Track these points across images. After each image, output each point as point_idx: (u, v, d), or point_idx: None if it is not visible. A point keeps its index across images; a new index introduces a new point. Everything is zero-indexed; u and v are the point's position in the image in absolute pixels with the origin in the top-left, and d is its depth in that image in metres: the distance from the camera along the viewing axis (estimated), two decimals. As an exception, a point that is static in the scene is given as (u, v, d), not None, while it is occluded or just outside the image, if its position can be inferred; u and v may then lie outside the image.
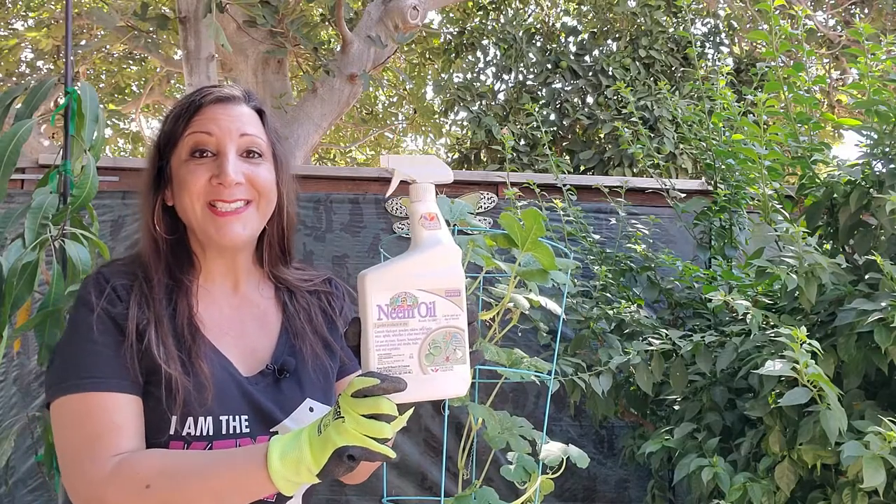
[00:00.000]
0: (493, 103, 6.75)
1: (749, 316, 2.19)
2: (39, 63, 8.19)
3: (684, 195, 3.04)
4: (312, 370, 1.12)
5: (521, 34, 6.71)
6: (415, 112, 10.05)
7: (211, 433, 1.00)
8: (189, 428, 0.99)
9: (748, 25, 6.86)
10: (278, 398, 1.07)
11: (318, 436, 0.89)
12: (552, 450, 1.45)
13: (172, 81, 9.09)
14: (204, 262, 1.12)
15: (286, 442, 0.90)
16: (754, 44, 6.54)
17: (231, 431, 1.02)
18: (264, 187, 1.09)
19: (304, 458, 0.89)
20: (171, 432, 0.99)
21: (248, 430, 1.03)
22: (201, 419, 1.00)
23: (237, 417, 1.02)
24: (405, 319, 0.88)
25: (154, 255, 1.08)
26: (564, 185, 2.95)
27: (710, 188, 2.94)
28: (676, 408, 2.55)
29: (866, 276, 2.20)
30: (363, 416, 0.85)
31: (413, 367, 0.88)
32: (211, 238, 1.07)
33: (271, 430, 1.05)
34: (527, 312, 1.49)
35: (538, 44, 6.87)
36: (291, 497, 1.06)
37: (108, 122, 9.31)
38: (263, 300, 1.16)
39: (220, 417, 1.01)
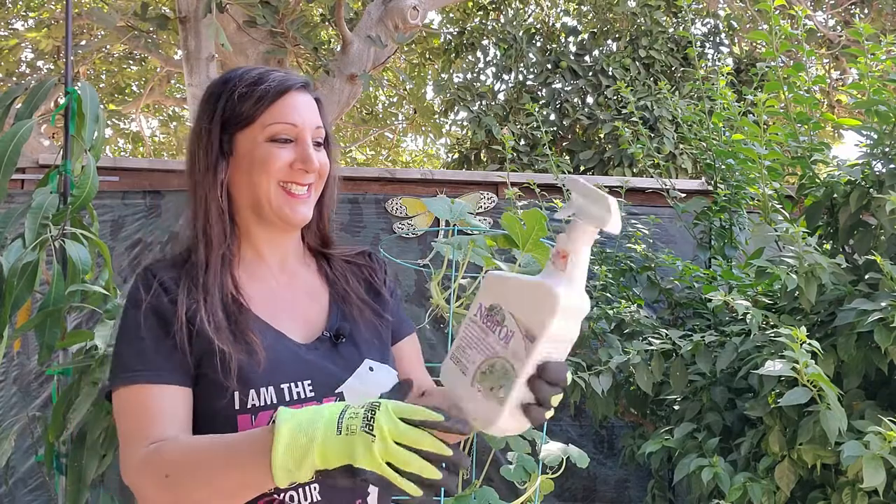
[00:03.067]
0: (493, 103, 6.75)
1: (749, 316, 2.19)
2: (39, 63, 8.19)
3: (684, 195, 3.04)
4: (365, 331, 1.16)
5: (521, 34, 6.71)
6: (415, 112, 10.05)
7: (275, 401, 1.01)
8: (253, 400, 1.00)
9: (748, 25, 6.86)
10: (338, 361, 1.10)
11: (335, 436, 0.81)
12: (552, 450, 1.45)
13: (172, 81, 9.09)
14: (254, 241, 1.16)
15: (300, 424, 0.83)
16: (754, 44, 6.54)
17: (295, 398, 1.03)
18: (325, 174, 1.17)
19: (310, 454, 0.81)
20: (237, 406, 1.00)
21: (312, 393, 1.04)
22: (262, 389, 1.01)
23: (299, 384, 1.04)
24: (489, 329, 0.88)
25: (220, 226, 1.11)
26: (564, 185, 2.95)
27: (710, 188, 2.94)
28: (676, 408, 2.55)
29: (866, 276, 2.20)
30: (397, 443, 0.78)
31: (469, 373, 0.88)
32: (284, 217, 1.12)
33: (336, 392, 1.06)
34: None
35: (538, 44, 6.87)
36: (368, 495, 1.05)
37: (108, 122, 9.32)
38: (310, 273, 1.21)
39: (282, 385, 1.03)
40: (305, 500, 0.99)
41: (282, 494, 0.98)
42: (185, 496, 0.90)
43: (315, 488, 0.99)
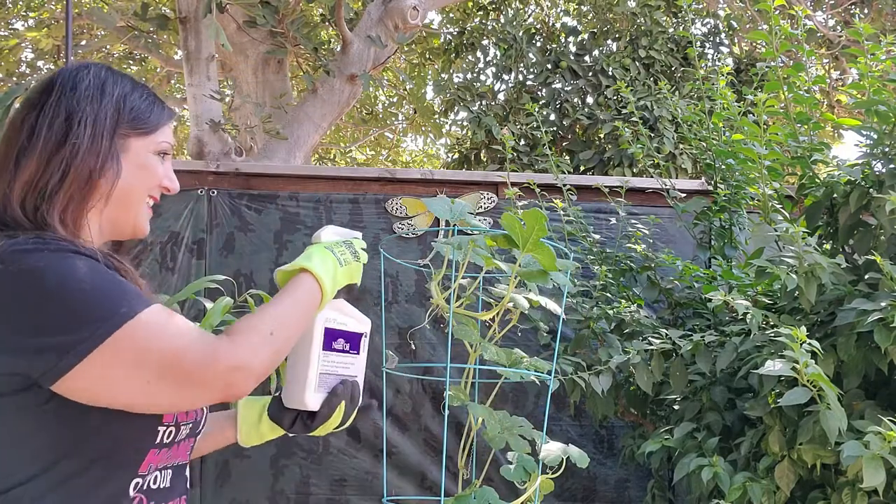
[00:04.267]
0: (493, 103, 6.74)
1: (749, 316, 2.20)
2: (39, 63, 8.19)
3: (684, 195, 3.04)
4: None
5: (521, 34, 6.70)
6: (415, 112, 10.04)
7: None
8: None
9: (748, 25, 6.86)
10: None
11: (339, 268, 1.17)
12: (552, 450, 1.46)
13: (172, 81, 9.09)
14: (86, 236, 1.08)
15: (326, 270, 1.15)
16: (754, 44, 6.54)
17: None
18: None
19: (335, 285, 1.16)
20: None
21: None
22: None
23: None
24: None
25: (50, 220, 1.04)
26: (564, 185, 2.96)
27: (710, 188, 2.94)
28: (676, 407, 2.56)
29: (866, 276, 2.20)
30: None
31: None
32: (140, 227, 1.15)
33: None
34: (527, 312, 1.50)
35: (538, 44, 6.87)
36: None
37: (108, 122, 9.27)
38: None
39: None
40: (160, 483, 1.07)
41: (146, 480, 1.04)
42: (279, 346, 1.05)
43: (169, 474, 1.08)
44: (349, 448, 3.20)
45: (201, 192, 3.24)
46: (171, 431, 1.06)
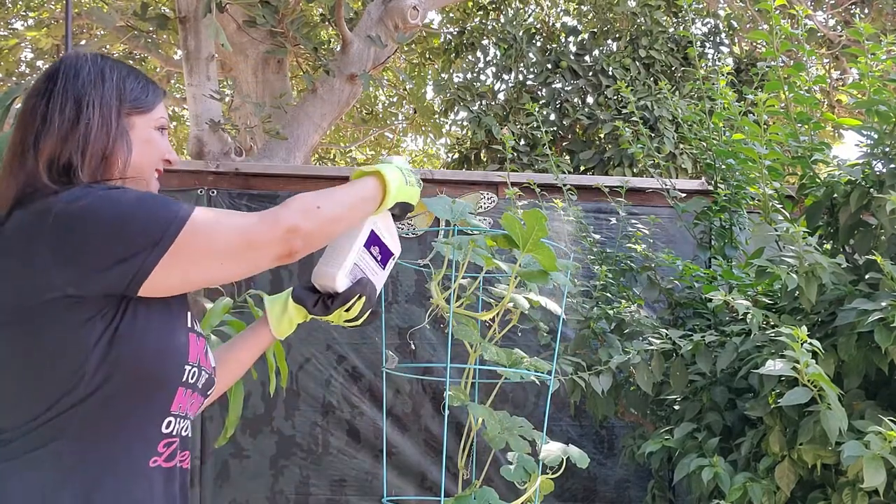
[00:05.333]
0: (493, 103, 6.74)
1: (749, 316, 2.19)
2: (39, 63, 8.18)
3: (684, 195, 3.03)
4: None
5: (521, 34, 6.70)
6: (415, 112, 10.04)
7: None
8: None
9: (748, 25, 6.85)
10: None
11: (405, 185, 1.30)
12: (552, 450, 1.45)
13: (172, 81, 9.09)
14: None
15: (393, 177, 1.27)
16: (754, 44, 6.54)
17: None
18: None
19: (398, 196, 1.29)
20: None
21: None
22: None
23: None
24: None
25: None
26: (565, 185, 2.95)
27: (711, 188, 2.94)
28: (676, 408, 2.55)
29: (866, 276, 2.20)
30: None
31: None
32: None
33: None
34: (527, 312, 1.50)
35: (538, 44, 6.86)
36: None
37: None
38: None
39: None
40: (186, 432, 1.17)
41: (177, 424, 1.14)
42: (327, 217, 1.17)
43: (188, 424, 1.18)
44: (349, 448, 3.20)
45: (201, 192, 3.24)
46: (194, 372, 1.14)
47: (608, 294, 2.81)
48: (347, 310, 1.31)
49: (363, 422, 3.20)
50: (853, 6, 7.18)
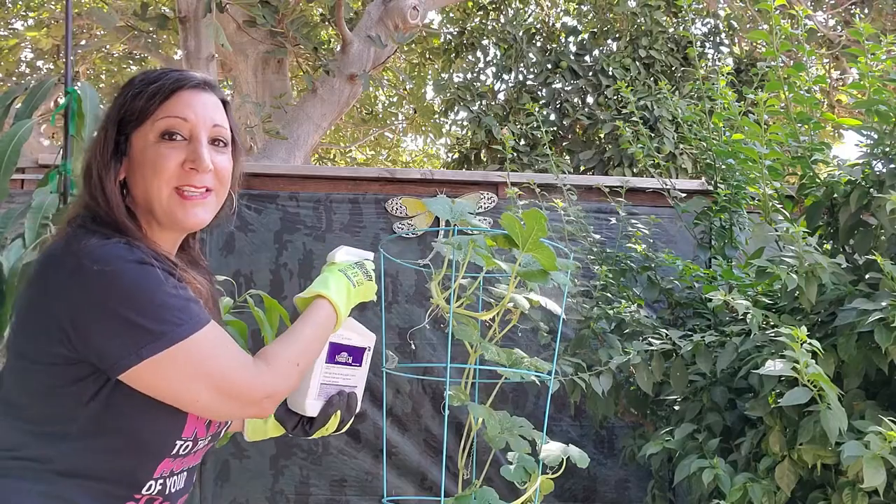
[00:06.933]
0: (493, 103, 6.74)
1: (749, 316, 2.19)
2: (39, 63, 8.19)
3: (684, 195, 3.03)
4: None
5: (521, 34, 6.70)
6: (415, 112, 10.04)
7: None
8: None
9: (748, 25, 6.85)
10: None
11: (353, 289, 1.24)
12: (552, 450, 1.45)
13: (172, 81, 9.07)
14: (152, 237, 1.13)
15: (339, 291, 1.21)
16: (754, 44, 6.53)
17: None
18: (226, 177, 1.15)
19: (349, 304, 1.23)
20: None
21: None
22: None
23: None
24: None
25: (129, 228, 1.08)
26: (565, 185, 2.95)
27: (710, 188, 2.94)
28: (676, 408, 2.55)
29: (866, 276, 2.20)
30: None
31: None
32: (176, 220, 1.11)
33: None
34: (526, 312, 1.50)
35: (538, 44, 6.86)
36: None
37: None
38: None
39: None
40: (175, 487, 1.12)
41: (161, 484, 1.09)
42: (302, 371, 1.14)
43: (184, 476, 1.14)
44: (349, 448, 3.20)
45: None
46: (188, 445, 1.10)
47: (608, 294, 2.81)
48: (327, 428, 1.29)
49: (363, 422, 3.21)
50: (853, 6, 7.18)
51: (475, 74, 7.12)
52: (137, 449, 1.05)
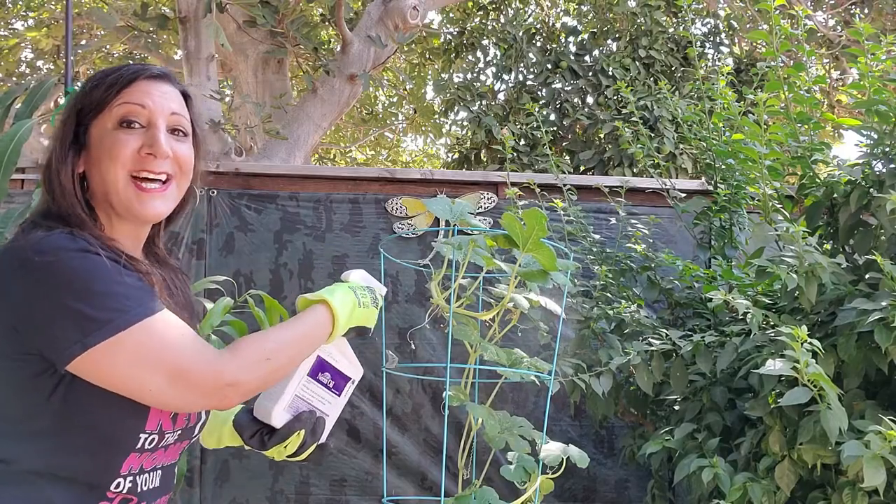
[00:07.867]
0: (493, 103, 6.74)
1: (749, 316, 2.19)
2: (39, 63, 8.18)
3: (684, 195, 3.03)
4: None
5: (521, 34, 6.70)
6: (415, 112, 10.04)
7: None
8: None
9: (748, 25, 6.85)
10: None
11: (358, 308, 1.20)
12: (552, 450, 1.45)
13: (172, 81, 9.07)
14: (116, 233, 1.13)
15: (342, 302, 1.17)
16: (754, 44, 6.54)
17: None
18: (186, 164, 1.15)
19: (349, 321, 1.19)
20: None
21: None
22: None
23: None
24: None
25: (81, 218, 1.08)
26: (565, 185, 2.95)
27: (710, 188, 2.94)
28: (676, 408, 2.55)
29: (866, 276, 2.20)
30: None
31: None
32: (132, 211, 1.11)
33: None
34: (526, 312, 1.50)
35: (538, 44, 6.86)
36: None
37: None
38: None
39: None
40: (148, 485, 1.11)
41: (132, 481, 1.08)
42: (275, 368, 1.09)
43: (158, 474, 1.12)
44: (349, 448, 3.20)
45: (201, 191, 3.23)
46: (153, 439, 1.08)
47: (608, 294, 2.81)
48: (286, 446, 1.21)
49: (363, 422, 3.21)
50: (853, 6, 7.18)
51: (475, 74, 7.12)
52: (101, 444, 1.04)
